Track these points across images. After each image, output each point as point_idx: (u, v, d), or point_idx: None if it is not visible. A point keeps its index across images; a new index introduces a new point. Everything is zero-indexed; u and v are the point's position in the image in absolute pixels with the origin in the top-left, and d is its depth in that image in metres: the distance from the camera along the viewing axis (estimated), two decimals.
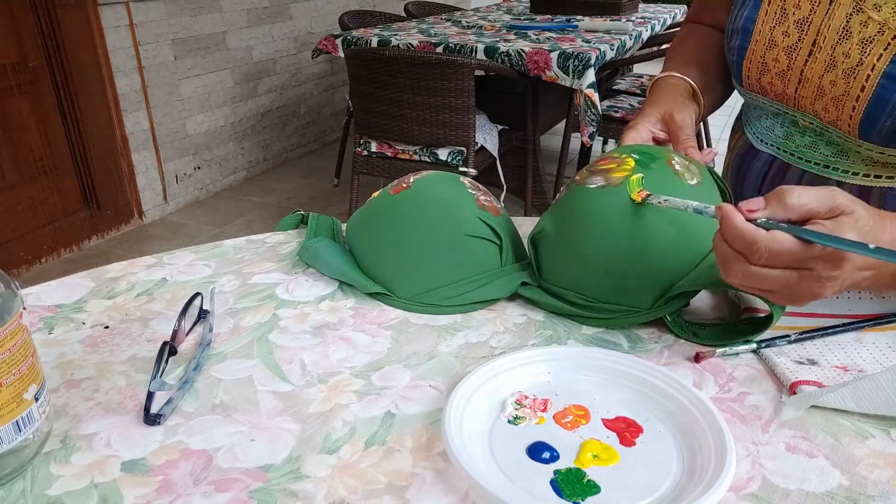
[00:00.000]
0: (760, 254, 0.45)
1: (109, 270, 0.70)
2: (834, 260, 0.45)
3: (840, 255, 0.45)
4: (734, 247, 0.47)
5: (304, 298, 0.65)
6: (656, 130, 0.75)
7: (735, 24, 0.76)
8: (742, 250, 0.46)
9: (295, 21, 3.59)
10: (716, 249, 0.49)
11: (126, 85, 2.71)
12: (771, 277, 0.47)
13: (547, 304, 0.63)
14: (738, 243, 0.46)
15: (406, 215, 0.65)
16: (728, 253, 0.48)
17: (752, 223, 0.46)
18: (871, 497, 0.42)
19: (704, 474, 0.41)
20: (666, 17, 3.35)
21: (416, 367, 0.55)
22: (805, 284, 0.46)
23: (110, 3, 2.57)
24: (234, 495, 0.42)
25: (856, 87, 0.64)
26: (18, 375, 0.42)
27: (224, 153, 3.28)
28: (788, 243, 0.45)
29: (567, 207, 0.63)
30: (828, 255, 0.45)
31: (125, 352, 0.57)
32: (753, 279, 0.47)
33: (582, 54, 2.25)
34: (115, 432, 0.47)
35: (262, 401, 0.51)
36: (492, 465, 0.44)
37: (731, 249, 0.47)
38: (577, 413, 0.49)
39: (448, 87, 2.22)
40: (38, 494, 0.42)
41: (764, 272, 0.46)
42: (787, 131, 0.75)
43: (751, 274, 0.47)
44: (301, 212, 0.80)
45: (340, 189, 3.27)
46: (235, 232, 2.85)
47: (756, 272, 0.47)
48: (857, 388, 0.48)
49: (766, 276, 0.47)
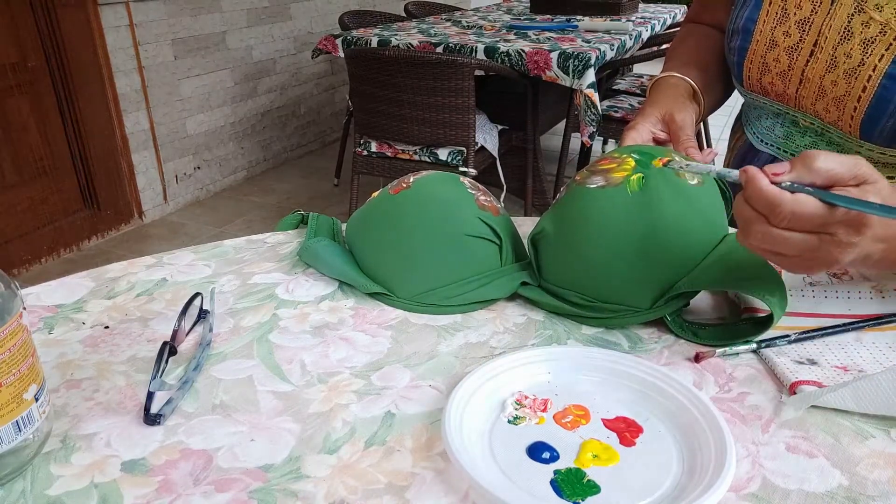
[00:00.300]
0: (784, 215, 0.45)
1: (109, 270, 0.70)
2: (856, 225, 0.45)
3: (863, 222, 0.45)
4: (757, 208, 0.47)
5: (304, 298, 0.65)
6: (656, 131, 0.75)
7: (736, 24, 0.76)
8: (765, 212, 0.46)
9: (295, 21, 3.59)
10: (737, 212, 0.49)
11: (126, 85, 2.71)
12: (792, 241, 0.46)
13: (547, 304, 0.63)
14: (762, 205, 0.46)
15: (406, 215, 0.65)
16: (750, 215, 0.47)
17: (776, 186, 0.46)
18: (871, 497, 0.42)
19: (704, 474, 0.41)
20: (666, 17, 3.35)
21: (416, 367, 0.55)
22: (825, 249, 0.46)
23: (110, 3, 2.57)
24: (234, 495, 0.42)
25: (857, 87, 0.64)
26: (18, 375, 0.42)
27: (224, 153, 3.28)
28: (813, 206, 0.45)
29: (567, 207, 0.63)
30: (851, 220, 0.45)
31: (125, 352, 0.57)
32: (773, 241, 0.47)
33: (582, 54, 2.25)
34: (115, 432, 0.47)
35: (262, 401, 0.51)
36: (492, 465, 0.44)
37: (754, 211, 0.47)
38: (577, 413, 0.49)
39: (448, 87, 2.22)
40: (38, 494, 0.42)
41: (786, 234, 0.46)
42: (787, 131, 0.75)
43: (772, 236, 0.47)
44: (301, 212, 0.80)
45: (340, 189, 3.27)
46: (235, 232, 2.85)
47: (777, 234, 0.46)
48: (857, 388, 0.48)
49: (787, 239, 0.46)
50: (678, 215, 0.58)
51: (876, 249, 0.48)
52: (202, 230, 2.89)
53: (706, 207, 0.60)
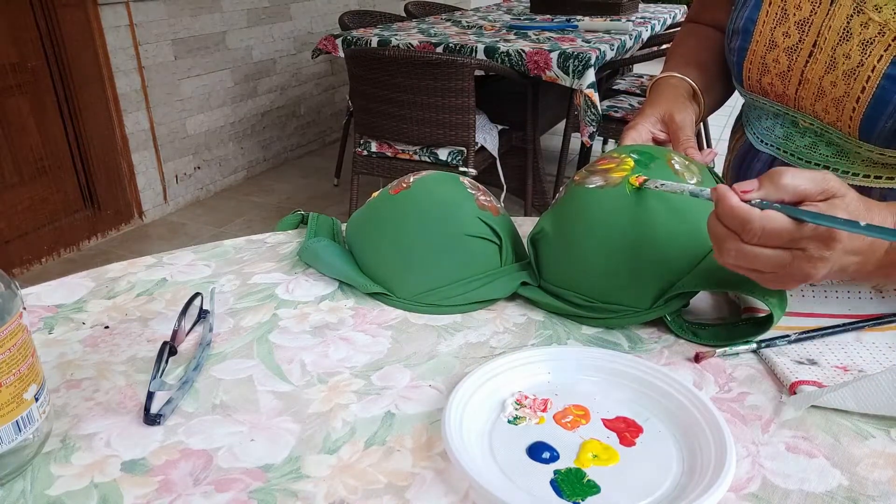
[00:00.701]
0: (754, 232, 0.46)
1: (109, 270, 0.70)
2: (826, 240, 0.46)
3: (832, 236, 0.46)
4: (729, 226, 0.48)
5: (304, 298, 0.65)
6: (656, 131, 0.75)
7: (735, 24, 0.76)
8: (736, 229, 0.47)
9: (295, 21, 3.59)
10: (710, 230, 0.50)
11: (126, 85, 2.71)
12: (763, 256, 0.47)
13: (547, 304, 0.63)
14: (733, 222, 0.47)
15: (406, 215, 0.65)
16: (722, 232, 0.48)
17: (746, 203, 0.47)
18: (871, 497, 0.42)
19: (704, 474, 0.41)
20: (666, 17, 3.35)
21: (416, 367, 0.55)
22: (797, 265, 0.47)
23: (110, 3, 2.57)
24: (234, 495, 0.42)
25: (856, 88, 0.64)
26: (18, 375, 0.42)
27: (224, 153, 3.28)
28: (782, 222, 0.46)
29: (566, 207, 0.63)
30: (820, 235, 0.46)
31: (125, 352, 0.57)
32: (746, 258, 0.48)
33: (582, 54, 2.25)
34: (115, 432, 0.47)
35: (262, 401, 0.51)
36: (492, 465, 0.44)
37: (726, 229, 0.48)
38: (577, 413, 0.49)
39: (448, 87, 2.22)
40: (38, 494, 0.42)
41: (757, 251, 0.47)
42: (787, 132, 0.75)
43: (744, 253, 0.48)
44: (301, 212, 0.80)
45: (340, 189, 3.27)
46: (235, 232, 2.85)
47: (749, 251, 0.47)
48: (857, 388, 0.48)
49: (759, 256, 0.47)
50: (678, 215, 0.58)
51: (849, 262, 0.49)
52: (202, 230, 2.89)
53: (706, 207, 0.60)
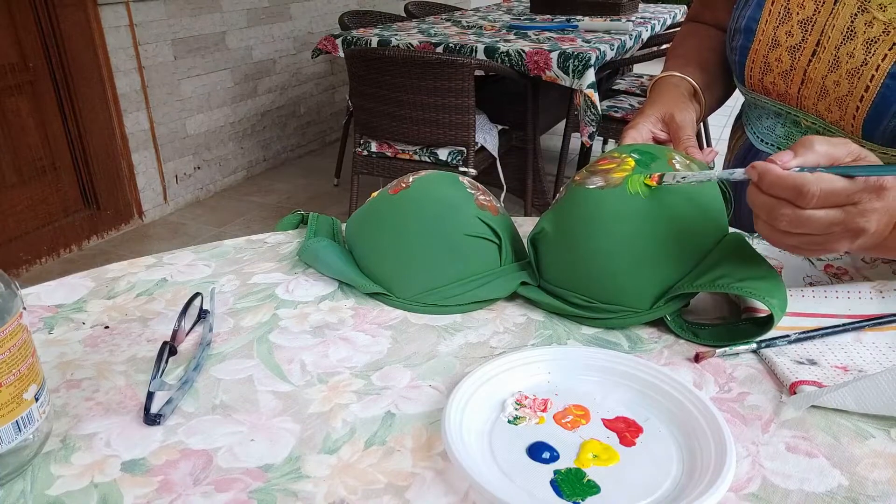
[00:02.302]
0: (812, 194, 0.47)
1: (109, 270, 0.70)
2: (877, 189, 0.47)
3: (882, 185, 0.47)
4: (779, 196, 0.48)
5: (304, 298, 0.65)
6: (656, 130, 0.75)
7: (738, 23, 0.76)
8: (790, 196, 0.48)
9: (295, 21, 3.59)
10: (755, 202, 0.50)
11: (126, 85, 2.71)
12: (817, 218, 0.48)
13: (547, 304, 0.63)
14: (786, 191, 0.48)
15: (405, 215, 0.65)
16: (771, 202, 0.49)
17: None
18: (871, 497, 0.42)
19: (704, 474, 0.41)
20: (666, 17, 3.35)
21: (416, 367, 0.55)
22: (851, 220, 0.48)
23: (110, 3, 2.57)
24: (234, 495, 0.42)
25: (860, 87, 0.64)
26: (18, 375, 0.42)
27: (224, 153, 3.28)
28: (837, 181, 0.47)
29: (566, 208, 0.63)
30: (871, 186, 0.47)
31: (125, 352, 0.57)
32: (801, 222, 0.48)
33: (582, 54, 2.25)
34: (115, 432, 0.47)
35: (262, 401, 0.51)
36: (492, 465, 0.44)
37: (775, 199, 0.48)
38: (577, 413, 0.49)
39: (448, 87, 2.22)
40: (38, 494, 0.42)
41: (812, 214, 0.48)
42: (788, 131, 0.75)
43: (799, 217, 0.48)
44: (301, 212, 0.80)
45: (340, 189, 3.27)
46: (235, 232, 2.85)
47: (805, 215, 0.48)
48: (857, 388, 0.47)
49: (813, 218, 0.48)
50: (678, 215, 0.58)
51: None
52: (202, 230, 2.89)
53: (706, 207, 0.60)
